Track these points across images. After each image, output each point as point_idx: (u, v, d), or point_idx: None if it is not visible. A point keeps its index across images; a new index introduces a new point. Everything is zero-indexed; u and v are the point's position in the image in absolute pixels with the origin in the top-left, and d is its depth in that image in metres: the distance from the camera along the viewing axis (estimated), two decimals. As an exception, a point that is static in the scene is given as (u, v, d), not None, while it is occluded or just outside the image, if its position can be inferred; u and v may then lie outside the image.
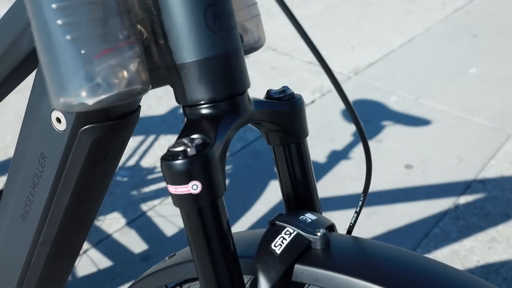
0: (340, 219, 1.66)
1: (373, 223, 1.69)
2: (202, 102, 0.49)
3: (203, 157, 0.45)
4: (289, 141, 0.57)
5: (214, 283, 0.49)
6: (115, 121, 0.57)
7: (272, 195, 1.86)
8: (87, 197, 0.66)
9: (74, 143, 0.58)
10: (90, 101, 0.46)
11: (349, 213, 1.61)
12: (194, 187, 0.45)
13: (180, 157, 0.45)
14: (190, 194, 0.45)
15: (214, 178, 0.46)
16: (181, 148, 0.45)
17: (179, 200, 0.46)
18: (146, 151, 2.15)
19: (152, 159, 2.10)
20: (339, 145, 2.07)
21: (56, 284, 0.80)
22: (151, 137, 2.22)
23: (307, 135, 0.59)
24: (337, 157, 2.02)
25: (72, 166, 0.60)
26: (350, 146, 2.06)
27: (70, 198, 0.64)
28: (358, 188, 1.84)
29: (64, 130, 0.58)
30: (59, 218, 0.66)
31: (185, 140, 0.45)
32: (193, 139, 0.46)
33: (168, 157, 0.45)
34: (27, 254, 0.72)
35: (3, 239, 0.76)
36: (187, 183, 0.45)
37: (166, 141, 2.21)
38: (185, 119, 0.51)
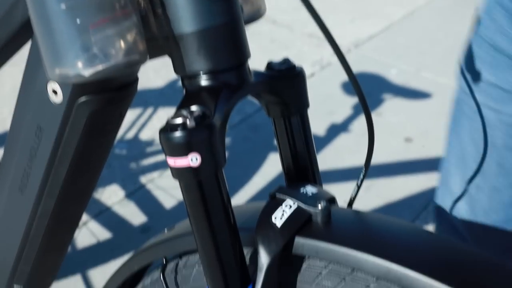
0: (339, 192, 1.66)
1: (372, 196, 1.69)
2: (201, 73, 0.48)
3: (202, 129, 0.44)
4: (289, 113, 0.57)
5: (214, 255, 0.49)
6: (112, 93, 0.56)
7: (271, 168, 1.85)
8: (85, 170, 0.65)
9: (71, 115, 0.57)
10: (87, 72, 0.45)
11: (348, 186, 1.61)
12: (193, 159, 0.44)
13: (179, 129, 0.44)
14: (189, 167, 0.45)
15: (213, 150, 0.45)
16: (180, 120, 0.44)
17: (178, 172, 0.46)
18: (145, 124, 2.14)
19: (151, 132, 2.09)
20: (338, 118, 2.06)
21: (56, 255, 0.80)
22: (150, 110, 2.21)
23: (308, 107, 0.58)
24: (336, 130, 2.01)
25: (69, 139, 0.60)
26: (350, 119, 2.05)
27: (68, 170, 0.63)
28: (357, 161, 1.84)
29: (60, 103, 0.57)
30: (57, 191, 0.66)
31: (184, 112, 0.44)
32: (192, 111, 0.45)
33: (167, 129, 0.45)
34: (26, 226, 0.72)
35: (1, 211, 0.76)
36: (186, 155, 0.44)
37: (164, 114, 2.20)
38: (184, 91, 0.50)
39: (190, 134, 0.44)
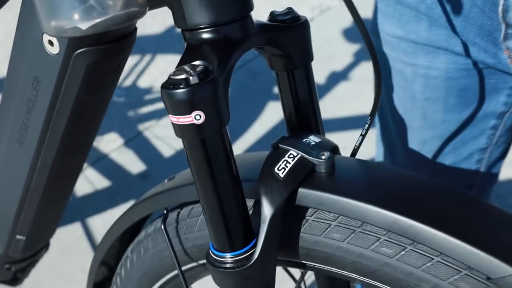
0: (339, 140, 1.66)
1: (373, 144, 1.69)
2: (202, 26, 0.46)
3: (206, 86, 0.43)
4: (293, 66, 0.55)
5: (217, 210, 0.49)
6: (110, 44, 0.55)
7: (270, 115, 1.84)
8: (84, 123, 0.64)
9: (68, 67, 0.56)
10: (84, 25, 0.43)
11: (348, 134, 1.61)
12: (197, 117, 0.43)
13: (181, 86, 0.42)
14: (193, 125, 0.43)
15: (218, 107, 0.44)
16: (182, 76, 0.42)
17: (181, 130, 0.44)
18: (143, 71, 2.12)
19: (149, 79, 2.07)
20: (338, 65, 2.04)
21: (57, 206, 0.80)
22: (147, 57, 2.18)
23: (312, 60, 0.57)
24: (335, 77, 1.99)
25: (67, 91, 0.58)
26: (350, 66, 2.02)
27: (67, 123, 0.62)
28: (356, 109, 1.83)
29: (57, 54, 0.56)
30: (57, 143, 0.65)
31: (186, 67, 0.43)
32: (195, 66, 0.44)
33: (169, 85, 0.43)
34: (26, 178, 0.72)
35: (1, 163, 0.75)
36: (189, 113, 0.43)
37: (162, 61, 2.17)
38: (185, 44, 0.48)
39: (194, 91, 0.42)
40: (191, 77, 0.42)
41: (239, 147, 1.72)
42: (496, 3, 0.59)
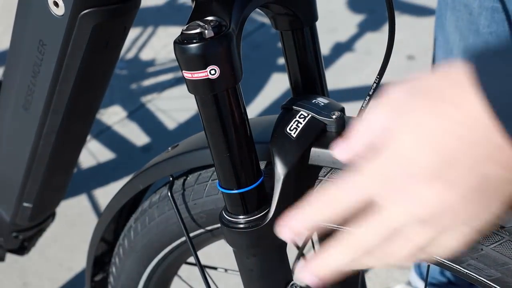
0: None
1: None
2: None
3: (222, 40, 0.42)
4: (298, 26, 0.55)
5: (231, 169, 0.48)
6: (116, 5, 0.54)
7: (272, 87, 1.83)
8: (90, 86, 0.64)
9: (74, 28, 0.55)
10: None
11: (349, 106, 1.60)
12: (212, 72, 0.42)
13: (196, 40, 0.42)
14: (208, 80, 0.43)
15: (232, 62, 0.43)
16: (197, 30, 0.42)
17: (195, 86, 0.44)
18: (144, 44, 2.10)
19: (151, 52, 2.06)
20: (340, 36, 2.02)
21: (63, 174, 0.80)
22: (149, 29, 2.16)
23: (317, 19, 0.56)
24: (338, 48, 1.98)
25: (73, 54, 0.58)
26: (353, 38, 2.01)
27: (73, 87, 0.62)
28: (359, 81, 1.82)
29: (62, 15, 0.55)
30: (63, 108, 0.65)
31: (200, 22, 0.42)
32: (209, 20, 0.43)
33: (182, 40, 0.42)
34: (32, 144, 0.71)
35: (6, 130, 0.75)
36: (205, 68, 0.42)
37: (164, 33, 2.15)
38: (194, 2, 0.47)
39: (209, 45, 0.41)
40: (206, 31, 0.42)
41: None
42: None
